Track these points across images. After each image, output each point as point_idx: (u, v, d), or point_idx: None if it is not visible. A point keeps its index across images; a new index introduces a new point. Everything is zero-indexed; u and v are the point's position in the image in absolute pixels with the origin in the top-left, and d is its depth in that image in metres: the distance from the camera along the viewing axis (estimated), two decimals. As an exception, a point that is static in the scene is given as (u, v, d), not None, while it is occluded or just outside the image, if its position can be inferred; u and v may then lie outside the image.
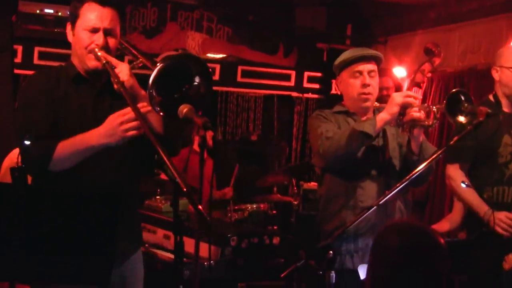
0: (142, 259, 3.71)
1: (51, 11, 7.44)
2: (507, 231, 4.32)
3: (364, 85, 4.04)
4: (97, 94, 3.41)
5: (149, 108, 3.16)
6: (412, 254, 2.15)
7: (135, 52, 3.64)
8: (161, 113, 3.11)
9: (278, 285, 4.70)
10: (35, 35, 7.53)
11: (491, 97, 4.63)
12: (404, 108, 3.78)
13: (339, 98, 4.38)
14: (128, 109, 3.12)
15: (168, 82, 3.11)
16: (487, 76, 4.75)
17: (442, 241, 2.21)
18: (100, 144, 3.19)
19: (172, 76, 3.13)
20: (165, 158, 2.83)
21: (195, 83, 3.17)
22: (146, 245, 4.88)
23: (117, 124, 3.14)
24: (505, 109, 4.55)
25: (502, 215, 4.33)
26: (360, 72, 4.06)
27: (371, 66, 4.08)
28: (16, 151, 3.57)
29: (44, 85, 3.42)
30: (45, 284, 3.11)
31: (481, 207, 4.43)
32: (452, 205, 6.18)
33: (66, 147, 3.22)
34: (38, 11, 7.39)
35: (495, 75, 4.58)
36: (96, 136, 3.19)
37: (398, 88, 7.60)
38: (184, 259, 2.99)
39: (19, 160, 3.29)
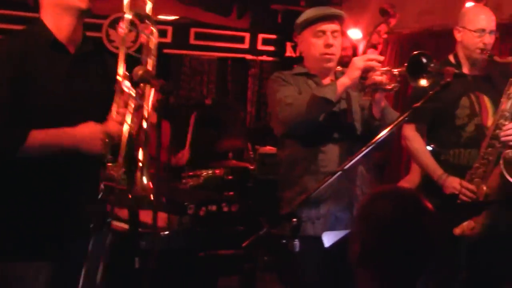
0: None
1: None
2: (461, 198, 4.32)
3: (328, 45, 3.98)
4: (73, 62, 3.20)
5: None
6: (405, 220, 2.13)
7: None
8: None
9: (238, 254, 4.66)
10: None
11: (451, 58, 4.62)
12: (366, 71, 3.73)
13: (294, 61, 4.33)
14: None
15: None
16: (443, 37, 4.73)
17: (430, 206, 2.19)
18: (73, 147, 3.06)
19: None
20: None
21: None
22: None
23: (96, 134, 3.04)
24: (465, 70, 4.55)
25: (456, 182, 4.34)
26: (323, 32, 3.99)
27: (335, 26, 4.01)
28: None
29: (9, 56, 3.10)
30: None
31: (436, 171, 4.45)
32: (408, 167, 6.22)
33: (38, 139, 3.02)
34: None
35: (457, 35, 4.58)
36: (70, 138, 3.06)
37: (354, 50, 7.59)
38: (140, 229, 2.92)
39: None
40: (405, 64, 3.64)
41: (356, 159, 3.46)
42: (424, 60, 3.65)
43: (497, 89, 4.43)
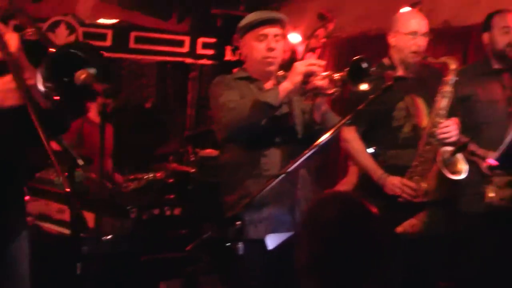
0: (26, 235, 3.56)
1: None
2: (402, 196, 4.36)
3: (270, 49, 4.00)
4: None
5: (32, 81, 3.01)
6: (350, 225, 2.13)
7: (29, 21, 3.46)
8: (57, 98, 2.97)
9: (181, 257, 4.65)
10: None
11: (386, 61, 4.68)
12: (307, 76, 3.75)
13: (233, 64, 4.33)
14: (10, 77, 2.96)
15: (60, 67, 2.97)
16: (379, 41, 4.80)
17: (375, 210, 2.20)
18: None
19: (65, 63, 2.99)
20: (41, 134, 2.70)
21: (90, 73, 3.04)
22: (36, 219, 4.75)
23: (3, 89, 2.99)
24: (399, 73, 4.59)
25: (396, 180, 4.38)
26: (265, 35, 4.01)
27: (277, 30, 4.04)
28: None
29: None
30: None
31: (375, 171, 4.49)
32: (345, 169, 6.28)
33: None
34: None
35: (391, 40, 4.65)
36: None
37: (293, 54, 7.65)
38: (82, 234, 2.88)
39: None
40: (346, 69, 3.69)
41: (298, 162, 3.49)
42: (364, 65, 3.69)
43: (430, 90, 4.49)
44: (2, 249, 3.25)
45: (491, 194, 4.69)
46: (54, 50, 2.95)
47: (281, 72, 4.08)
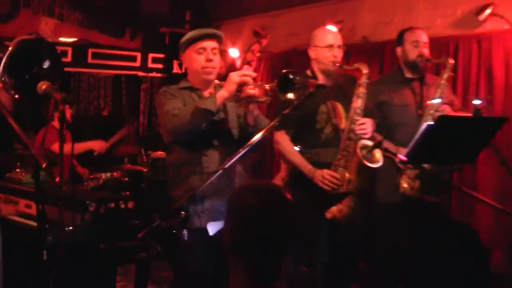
0: None
1: None
2: (328, 186, 4.46)
3: (208, 60, 4.05)
4: None
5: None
6: (267, 211, 2.14)
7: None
8: (16, 96, 3.01)
9: (134, 245, 4.67)
10: None
11: (308, 72, 4.77)
12: (241, 86, 3.81)
13: (180, 77, 4.37)
14: None
15: (19, 65, 3.01)
16: (307, 55, 4.89)
17: (290, 198, 2.22)
18: None
19: (23, 59, 3.02)
20: (20, 132, 2.75)
21: (45, 66, 3.08)
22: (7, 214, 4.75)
23: None
24: (321, 82, 4.67)
25: (324, 172, 4.47)
26: (204, 49, 4.06)
27: (214, 44, 4.09)
28: None
29: None
30: None
31: (305, 166, 4.57)
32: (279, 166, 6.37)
33: None
34: None
35: (311, 53, 4.75)
36: None
37: (232, 66, 7.70)
38: (47, 225, 2.92)
39: None
40: (275, 81, 3.77)
41: (234, 159, 3.57)
42: (291, 77, 3.79)
43: (347, 96, 4.58)
44: None
45: (404, 185, 4.74)
46: (10, 47, 3.00)
47: (217, 82, 4.12)
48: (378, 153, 4.43)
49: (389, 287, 4.98)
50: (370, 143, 4.41)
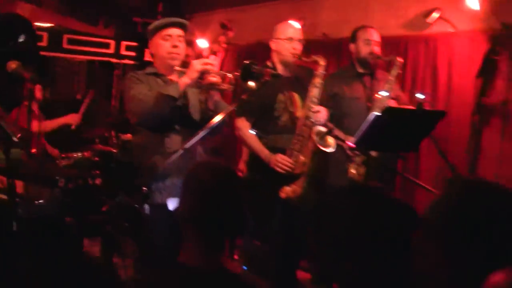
0: None
1: None
2: (282, 169, 4.51)
3: (174, 46, 4.07)
4: None
5: None
6: (218, 187, 2.18)
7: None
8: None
9: (100, 218, 4.69)
10: None
11: (268, 63, 4.81)
12: (203, 73, 3.86)
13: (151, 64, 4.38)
14: None
15: None
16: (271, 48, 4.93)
17: (240, 175, 2.27)
18: None
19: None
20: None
21: (20, 40, 3.08)
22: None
23: None
24: (280, 72, 4.76)
25: (278, 157, 4.53)
26: (170, 36, 4.08)
27: (179, 31, 4.12)
28: None
29: None
30: None
31: (263, 151, 4.63)
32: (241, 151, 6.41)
33: None
34: None
35: (273, 45, 4.81)
36: None
37: (199, 56, 7.71)
38: (17, 199, 2.93)
39: None
40: (237, 70, 3.83)
41: (194, 140, 3.63)
42: (252, 67, 3.84)
43: (304, 86, 4.63)
44: None
45: (352, 171, 4.84)
46: None
47: (178, 68, 4.12)
48: (330, 139, 4.51)
49: (337, 264, 5.06)
50: (324, 129, 4.48)
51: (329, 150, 4.48)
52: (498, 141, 5.56)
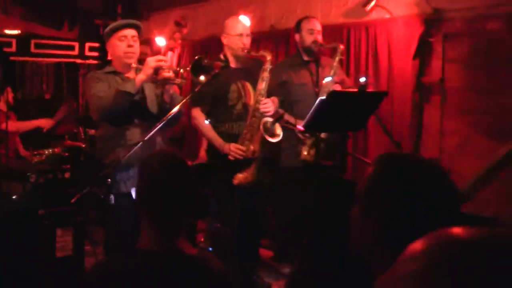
0: None
1: None
2: (234, 157, 4.52)
3: (129, 46, 4.10)
4: None
5: None
6: (165, 174, 2.18)
7: None
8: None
9: (71, 209, 4.68)
10: None
11: (221, 56, 4.82)
12: (157, 69, 3.88)
13: (113, 63, 4.37)
14: None
15: None
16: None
17: (190, 163, 2.28)
18: None
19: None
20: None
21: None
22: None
23: None
24: (232, 64, 4.77)
25: (231, 146, 4.54)
26: (125, 36, 4.11)
27: (133, 32, 4.14)
28: None
29: None
30: None
31: (217, 140, 4.64)
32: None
33: None
34: None
35: (224, 40, 4.80)
36: None
37: (158, 53, 7.69)
38: None
39: None
40: (189, 65, 3.86)
41: (152, 132, 3.65)
42: (201, 61, 3.88)
43: (254, 76, 4.65)
44: None
45: (304, 153, 4.88)
46: None
47: (135, 65, 4.14)
48: (278, 129, 4.55)
49: (295, 239, 5.13)
50: (270, 120, 4.52)
51: (276, 140, 4.52)
52: (438, 116, 5.64)
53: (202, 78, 3.86)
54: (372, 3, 5.96)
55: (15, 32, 8.22)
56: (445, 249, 0.81)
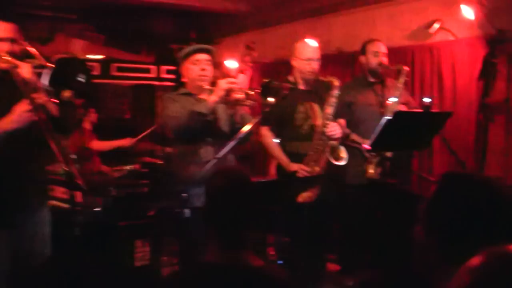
0: (48, 210, 3.73)
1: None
2: (302, 175, 4.50)
3: (202, 69, 4.16)
4: (10, 89, 3.34)
5: (45, 98, 3.17)
6: (230, 190, 2.20)
7: (36, 54, 3.63)
8: (56, 101, 3.12)
9: (148, 222, 4.78)
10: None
11: (290, 78, 4.82)
12: (228, 91, 3.93)
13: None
14: (26, 101, 3.14)
15: (59, 78, 3.12)
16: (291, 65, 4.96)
17: (254, 180, 2.30)
18: (12, 129, 3.20)
19: (62, 74, 3.14)
20: (49, 138, 2.86)
21: (79, 79, 3.20)
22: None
23: (23, 112, 3.15)
24: (301, 86, 4.76)
25: (296, 166, 4.53)
26: (198, 61, 4.17)
27: (206, 56, 4.20)
28: None
29: None
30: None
31: (283, 159, 4.64)
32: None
33: None
34: None
35: (293, 63, 4.79)
36: (8, 123, 3.21)
37: (227, 76, 7.78)
38: (78, 208, 3.02)
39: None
40: (258, 88, 3.91)
41: (225, 150, 3.70)
42: (270, 84, 3.92)
43: (322, 99, 4.64)
44: (33, 214, 3.45)
45: (370, 171, 4.81)
46: (53, 65, 3.11)
47: (208, 87, 4.17)
48: (343, 153, 4.52)
49: (361, 256, 5.07)
50: (337, 144, 4.51)
51: (341, 163, 4.50)
52: (503, 136, 5.51)
53: (271, 99, 3.89)
54: (436, 26, 5.90)
55: (98, 57, 8.50)
56: (500, 264, 0.81)
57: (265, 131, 4.72)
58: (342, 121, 4.78)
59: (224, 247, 2.18)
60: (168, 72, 8.98)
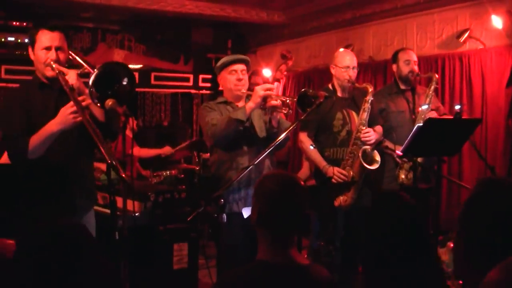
0: (94, 213, 3.75)
1: (13, 38, 7.44)
2: (337, 179, 4.48)
3: (239, 79, 4.13)
4: (58, 95, 3.40)
5: (89, 101, 3.18)
6: (281, 193, 2.20)
7: (81, 62, 3.66)
8: (99, 105, 3.12)
9: (186, 226, 4.76)
10: (1, 57, 7.47)
11: (329, 86, 4.81)
12: (265, 98, 3.89)
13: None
14: (71, 103, 3.15)
15: (104, 82, 3.12)
16: (325, 73, 4.94)
17: (303, 184, 2.30)
18: (58, 130, 3.21)
19: (107, 78, 3.14)
20: (96, 139, 2.87)
21: (124, 83, 3.19)
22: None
23: (67, 114, 3.17)
24: (339, 94, 4.74)
25: (335, 169, 4.50)
26: (235, 71, 4.14)
27: (242, 66, 4.17)
28: None
29: (17, 95, 3.47)
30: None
31: (321, 163, 4.59)
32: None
33: (35, 139, 3.24)
34: (3, 39, 7.41)
35: (332, 71, 4.78)
36: (54, 125, 3.22)
37: (265, 83, 7.76)
38: (118, 212, 3.01)
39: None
40: (295, 97, 3.85)
41: (262, 156, 3.66)
42: (307, 93, 3.87)
43: (359, 105, 4.61)
44: (81, 218, 3.50)
45: (402, 176, 4.79)
46: (97, 70, 3.12)
47: (247, 92, 4.15)
48: (377, 156, 4.47)
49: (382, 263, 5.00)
50: (370, 148, 4.46)
51: (374, 167, 4.44)
52: (531, 142, 5.40)
53: (306, 108, 3.84)
54: (466, 35, 5.83)
55: (138, 66, 8.55)
56: None
57: (303, 137, 4.70)
58: (378, 127, 4.72)
59: (278, 246, 2.20)
60: (205, 81, 9.02)
